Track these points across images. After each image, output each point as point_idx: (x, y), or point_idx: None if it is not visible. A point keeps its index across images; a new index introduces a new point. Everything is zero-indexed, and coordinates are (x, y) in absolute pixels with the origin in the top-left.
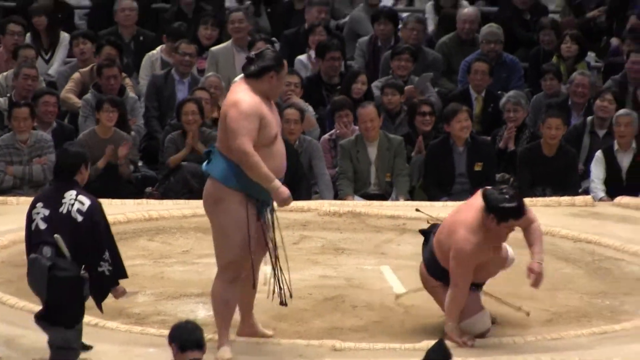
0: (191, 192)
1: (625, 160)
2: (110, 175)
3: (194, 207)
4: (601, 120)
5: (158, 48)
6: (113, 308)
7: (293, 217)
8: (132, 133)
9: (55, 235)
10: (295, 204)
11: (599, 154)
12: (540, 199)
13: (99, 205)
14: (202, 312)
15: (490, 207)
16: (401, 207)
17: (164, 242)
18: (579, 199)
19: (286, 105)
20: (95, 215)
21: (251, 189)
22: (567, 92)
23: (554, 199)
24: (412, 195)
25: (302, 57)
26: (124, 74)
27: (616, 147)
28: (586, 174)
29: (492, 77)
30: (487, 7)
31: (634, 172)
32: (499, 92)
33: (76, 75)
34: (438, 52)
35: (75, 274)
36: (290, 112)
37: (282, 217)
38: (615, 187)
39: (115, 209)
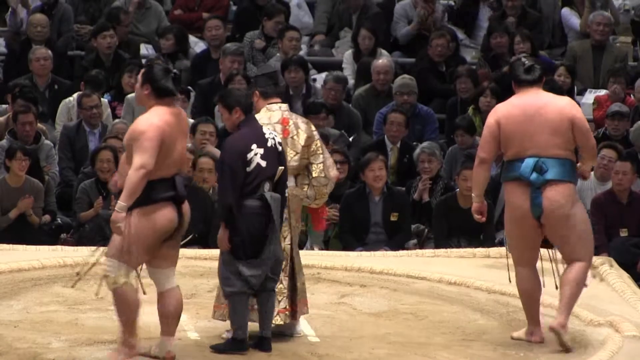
0: (105, 239)
1: None
2: (22, 223)
3: None
4: None
5: (75, 95)
6: (26, 353)
7: (208, 265)
8: (47, 178)
9: (280, 167)
10: (211, 252)
11: None
12: (455, 250)
13: None
14: None
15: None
16: (315, 257)
17: (79, 289)
18: (494, 250)
19: (201, 154)
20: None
21: None
22: None
23: (469, 250)
24: (326, 245)
25: None
26: (38, 121)
27: None
28: (501, 225)
29: (407, 129)
30: (404, 59)
31: None
32: (414, 143)
33: None
34: (355, 104)
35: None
36: (204, 160)
37: (197, 265)
38: None
39: (30, 255)
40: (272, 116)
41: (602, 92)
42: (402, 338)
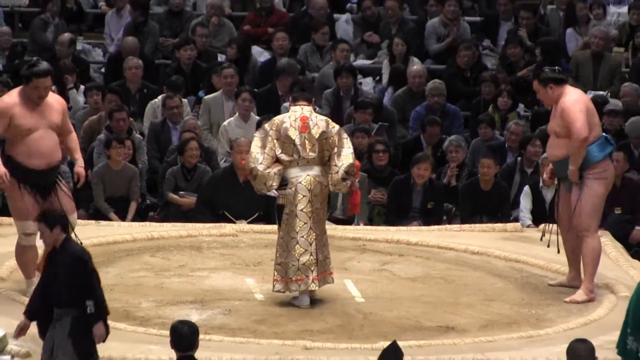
0: (186, 218)
1: (548, 195)
2: (124, 202)
3: (189, 228)
4: (529, 161)
5: (159, 97)
6: (120, 312)
7: (271, 237)
8: (140, 166)
9: None
10: (273, 226)
11: (526, 188)
12: (478, 225)
13: None
14: (195, 316)
15: None
16: (361, 231)
17: (164, 258)
18: (510, 225)
19: None
20: None
21: None
22: (503, 137)
23: (489, 225)
24: (371, 221)
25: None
26: (130, 118)
27: (541, 183)
28: (516, 205)
29: (441, 131)
30: (434, 66)
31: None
32: (443, 136)
33: (85, 123)
34: (394, 103)
35: None
36: None
37: (262, 238)
38: (539, 216)
39: (124, 230)
40: (294, 115)
41: (600, 94)
42: (434, 299)
